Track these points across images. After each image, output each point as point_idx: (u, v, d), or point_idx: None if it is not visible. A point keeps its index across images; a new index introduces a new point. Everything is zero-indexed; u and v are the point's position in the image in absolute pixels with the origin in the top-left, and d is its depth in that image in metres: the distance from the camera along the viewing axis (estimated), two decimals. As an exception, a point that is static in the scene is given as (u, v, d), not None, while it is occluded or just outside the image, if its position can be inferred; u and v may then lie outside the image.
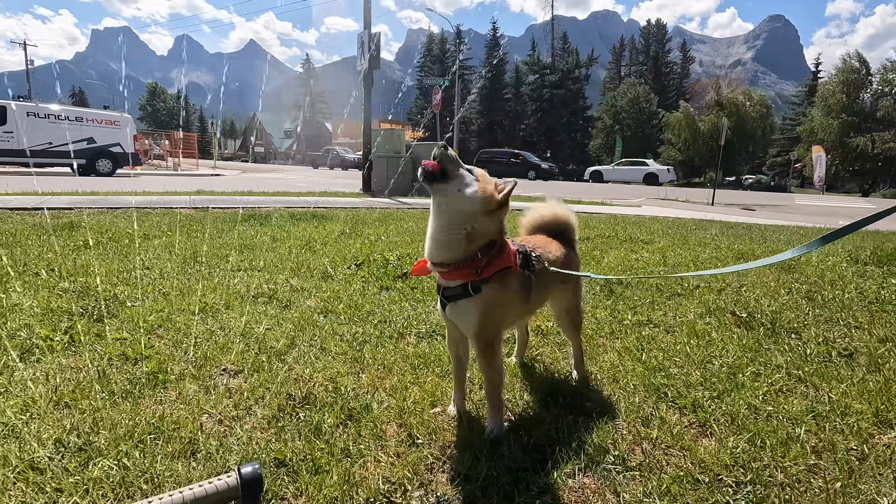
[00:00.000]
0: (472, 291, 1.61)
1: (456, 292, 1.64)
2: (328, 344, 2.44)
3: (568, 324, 2.18)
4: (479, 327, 1.65)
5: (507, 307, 1.72)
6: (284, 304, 3.02)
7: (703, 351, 2.46)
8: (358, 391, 2.01)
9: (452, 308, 1.66)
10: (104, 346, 2.30)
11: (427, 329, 2.70)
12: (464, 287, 1.62)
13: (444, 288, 1.67)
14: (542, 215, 2.14)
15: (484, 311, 1.63)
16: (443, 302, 1.70)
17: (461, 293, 1.63)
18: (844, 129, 38.28)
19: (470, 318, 1.64)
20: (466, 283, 1.62)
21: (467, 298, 1.63)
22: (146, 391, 1.94)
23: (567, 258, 2.04)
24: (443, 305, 1.71)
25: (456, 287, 1.63)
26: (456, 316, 1.67)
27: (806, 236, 6.60)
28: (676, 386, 2.09)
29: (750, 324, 2.86)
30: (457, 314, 1.66)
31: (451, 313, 1.68)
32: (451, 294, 1.65)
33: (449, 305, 1.67)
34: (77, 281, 3.28)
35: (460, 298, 1.63)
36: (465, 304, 1.63)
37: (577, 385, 2.13)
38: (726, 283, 3.71)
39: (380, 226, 6.28)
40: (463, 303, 1.63)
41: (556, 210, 2.14)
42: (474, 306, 1.63)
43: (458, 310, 1.65)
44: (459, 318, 1.66)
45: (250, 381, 2.05)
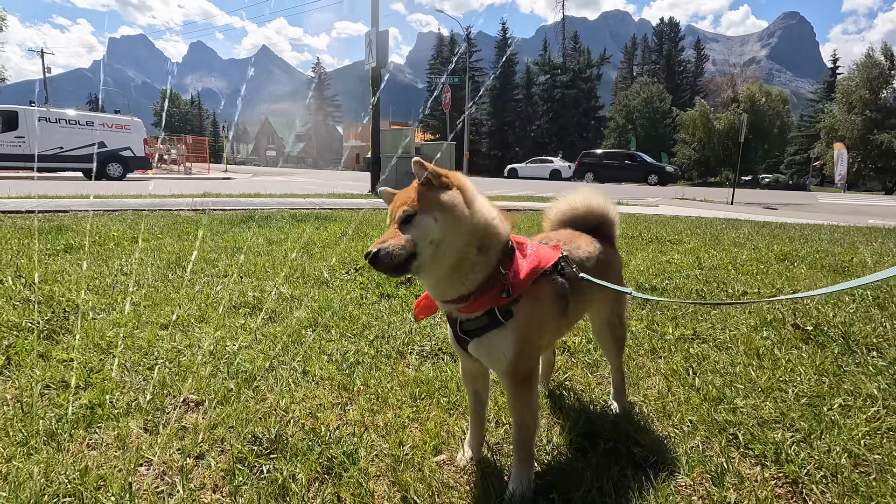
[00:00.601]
0: (503, 318, 1.22)
1: (480, 323, 1.25)
2: (312, 366, 2.03)
3: (609, 340, 1.74)
4: (515, 360, 1.25)
5: (544, 326, 1.32)
6: (269, 316, 2.62)
7: (769, 374, 2.00)
8: (342, 431, 1.59)
9: (478, 345, 1.28)
10: (44, 369, 1.92)
11: (431, 346, 2.28)
12: (490, 315, 1.23)
13: (461, 321, 1.28)
14: (573, 207, 1.70)
15: (521, 338, 1.24)
16: (461, 337, 1.30)
17: (488, 323, 1.24)
18: (867, 125, 37.11)
19: (503, 351, 1.24)
20: (493, 311, 1.22)
21: (498, 328, 1.23)
22: (77, 431, 1.55)
23: (605, 257, 1.61)
24: (461, 341, 1.31)
25: (479, 317, 1.25)
26: (484, 352, 1.28)
27: (847, 234, 6.05)
28: (747, 424, 1.64)
29: (818, 339, 2.39)
30: (486, 350, 1.27)
31: (478, 350, 1.29)
32: (473, 327, 1.26)
33: (472, 342, 1.28)
34: (42, 289, 2.93)
35: (488, 330, 1.25)
36: (496, 336, 1.25)
37: (619, 420, 1.69)
38: (778, 289, 3.24)
39: (385, 227, 5.88)
40: (494, 335, 1.25)
41: (589, 200, 1.71)
42: (509, 336, 1.24)
43: (487, 345, 1.26)
44: (489, 354, 1.27)
45: (211, 416, 1.65)
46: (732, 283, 3.34)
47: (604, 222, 1.72)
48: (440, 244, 1.14)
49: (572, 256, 1.45)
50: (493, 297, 1.21)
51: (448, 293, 1.22)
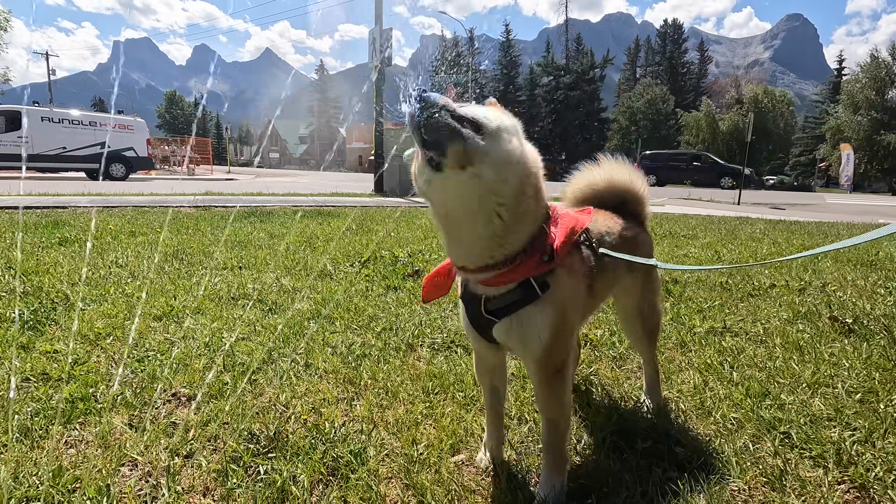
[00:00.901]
0: (541, 290, 1.04)
1: (512, 299, 1.05)
2: (315, 359, 1.88)
3: (640, 330, 1.56)
4: (551, 343, 1.06)
5: (578, 303, 1.14)
6: (269, 308, 2.47)
7: (813, 369, 1.83)
8: (349, 428, 1.43)
9: (510, 325, 1.07)
10: (26, 361, 1.77)
11: (444, 339, 2.12)
12: (525, 288, 1.04)
13: (486, 298, 1.08)
14: (592, 182, 1.52)
15: (558, 316, 1.06)
16: (483, 319, 1.10)
17: (521, 298, 1.04)
18: (873, 126, 36.85)
19: (539, 332, 1.06)
20: (528, 282, 1.03)
21: (533, 304, 1.04)
22: (55, 427, 1.39)
23: (630, 234, 1.42)
24: (480, 325, 1.11)
25: (511, 292, 1.05)
26: (516, 334, 1.07)
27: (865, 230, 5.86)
28: (798, 422, 1.48)
29: (859, 332, 2.22)
30: (517, 329, 1.07)
31: (508, 331, 1.08)
32: (503, 304, 1.06)
33: (501, 323, 1.08)
34: (31, 280, 2.78)
35: (522, 306, 1.05)
36: (531, 313, 1.05)
37: (655, 418, 1.52)
38: (807, 282, 3.06)
39: (390, 222, 5.73)
40: (528, 312, 1.05)
41: (612, 174, 1.53)
42: (546, 311, 1.05)
43: (520, 325, 1.06)
44: (522, 335, 1.07)
45: (203, 412, 1.49)
46: (757, 276, 3.17)
47: (629, 199, 1.53)
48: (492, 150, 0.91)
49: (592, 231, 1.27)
50: (532, 263, 1.02)
51: (482, 255, 1.00)
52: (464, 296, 1.14)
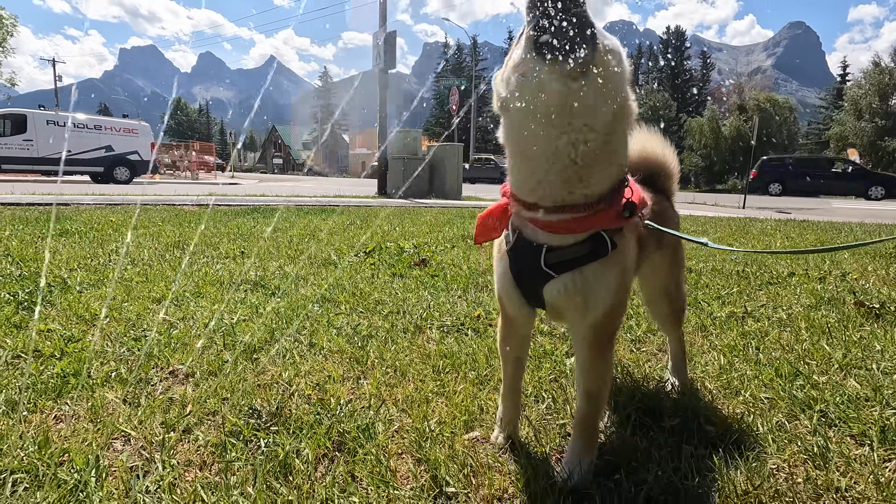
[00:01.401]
0: (612, 245, 0.95)
1: (580, 252, 0.94)
2: (319, 338, 1.79)
3: (667, 310, 1.48)
4: (612, 308, 0.98)
5: (634, 270, 1.07)
6: (271, 292, 2.39)
7: (843, 351, 1.74)
8: (356, 405, 1.35)
9: (572, 282, 0.96)
10: (17, 339, 1.69)
11: (453, 321, 2.03)
12: (596, 242, 0.94)
13: (548, 249, 0.96)
14: None
15: (623, 278, 0.98)
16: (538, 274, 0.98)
17: (589, 252, 0.94)
18: (876, 132, 36.80)
19: (605, 291, 0.96)
20: (600, 235, 0.94)
21: (599, 262, 0.95)
22: (45, 402, 1.31)
23: (659, 209, 1.34)
24: (530, 281, 1.00)
25: (579, 244, 0.94)
26: (579, 293, 0.96)
27: (878, 229, 5.75)
28: (834, 401, 1.38)
29: (887, 317, 2.12)
30: (581, 290, 0.96)
31: (568, 289, 0.96)
32: (566, 258, 0.95)
33: (559, 279, 0.96)
34: (28, 265, 2.72)
35: (587, 260, 0.95)
36: (597, 270, 0.95)
37: (681, 396, 1.43)
38: (826, 271, 2.97)
39: (394, 219, 5.66)
40: (594, 269, 0.95)
41: (644, 146, 1.45)
42: (613, 272, 0.96)
43: (585, 283, 0.95)
44: (585, 294, 0.96)
45: (202, 389, 1.41)
46: (774, 266, 3.08)
47: (659, 173, 1.45)
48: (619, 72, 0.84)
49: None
50: (612, 214, 0.92)
51: (563, 185, 0.89)
52: (515, 246, 1.00)
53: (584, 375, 1.07)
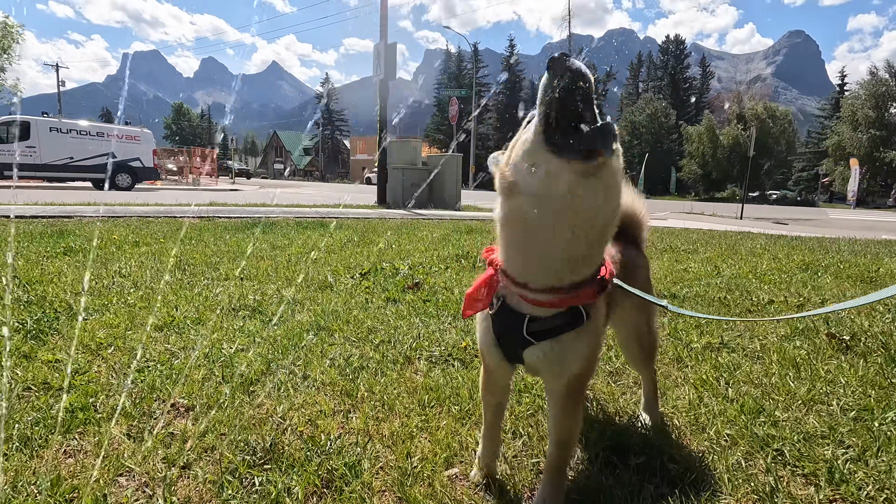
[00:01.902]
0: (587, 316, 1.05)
1: (558, 322, 1.04)
2: (313, 370, 1.89)
3: (637, 352, 1.58)
4: (585, 369, 1.09)
5: (603, 328, 1.18)
6: (268, 319, 2.49)
7: (809, 386, 1.84)
8: (344, 441, 1.45)
9: (551, 347, 1.06)
10: (28, 370, 1.79)
11: (441, 352, 2.13)
12: (574, 314, 1.04)
13: (530, 319, 1.06)
14: None
15: (595, 343, 1.09)
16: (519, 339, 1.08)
17: (567, 323, 1.04)
18: (873, 143, 37.05)
19: (578, 357, 1.06)
20: (578, 309, 1.04)
21: (576, 330, 1.05)
22: (55, 436, 1.41)
23: (625, 259, 1.42)
24: (511, 344, 1.10)
25: (559, 315, 1.04)
26: (555, 357, 1.07)
27: (868, 246, 5.86)
28: (791, 439, 1.48)
29: (856, 349, 2.22)
30: (558, 354, 1.06)
31: (547, 354, 1.07)
32: (548, 327, 1.05)
33: (541, 345, 1.07)
34: (34, 289, 2.82)
35: (564, 330, 1.04)
36: (573, 338, 1.05)
37: (650, 434, 1.53)
38: (805, 298, 3.07)
39: (391, 234, 5.77)
40: (570, 338, 1.05)
41: None
42: (586, 340, 1.06)
43: (563, 348, 1.06)
44: (561, 359, 1.07)
45: (201, 423, 1.51)
46: (755, 292, 3.18)
47: (630, 224, 1.51)
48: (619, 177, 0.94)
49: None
50: (592, 291, 1.03)
51: (564, 274, 0.97)
52: (499, 312, 1.09)
53: (556, 425, 1.17)
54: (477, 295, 1.10)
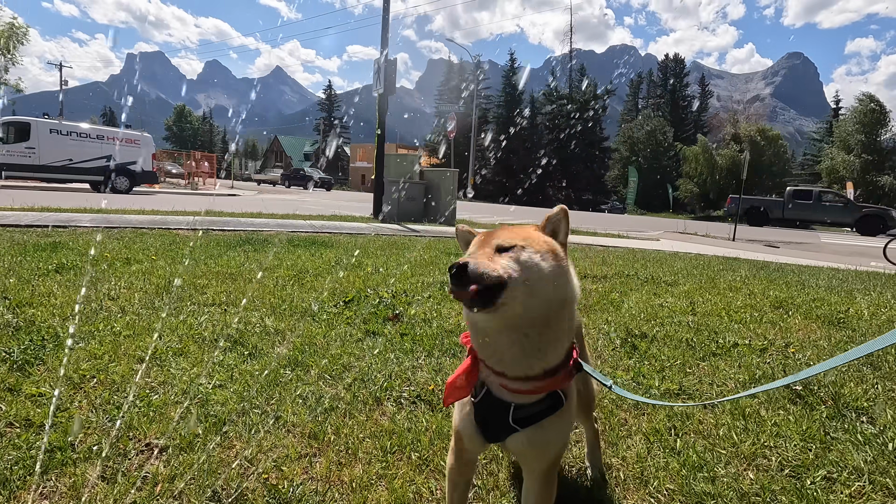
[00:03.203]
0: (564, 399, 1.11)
1: (539, 409, 1.09)
2: (285, 410, 1.99)
3: (579, 407, 1.67)
4: (562, 448, 1.16)
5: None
6: (249, 352, 2.58)
7: (753, 439, 1.94)
8: (305, 488, 1.54)
9: (535, 433, 1.10)
10: (11, 405, 1.88)
11: (410, 393, 2.23)
12: (553, 398, 1.09)
13: (515, 407, 1.09)
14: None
15: (572, 420, 1.16)
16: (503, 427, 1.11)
17: (548, 407, 1.09)
18: (865, 167, 37.60)
19: (559, 438, 1.12)
20: (556, 393, 1.09)
21: (557, 413, 1.10)
22: (32, 478, 1.50)
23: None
24: (493, 431, 1.14)
25: (539, 402, 1.09)
26: (538, 442, 1.11)
27: (846, 280, 5.99)
28: (726, 496, 1.58)
29: (807, 399, 2.33)
30: (541, 439, 1.10)
31: (530, 440, 1.10)
32: (531, 413, 1.09)
33: (523, 432, 1.10)
34: (25, 313, 2.91)
35: (545, 415, 1.09)
36: (555, 422, 1.10)
37: (593, 487, 1.63)
38: (770, 341, 3.18)
39: (380, 255, 5.87)
40: (552, 421, 1.10)
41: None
42: (565, 420, 1.12)
43: (546, 433, 1.10)
44: (544, 443, 1.11)
45: (173, 465, 1.60)
46: (724, 333, 3.29)
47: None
48: (536, 287, 0.96)
49: None
50: (565, 375, 1.08)
51: (532, 365, 1.03)
52: (484, 400, 1.12)
53: (533, 499, 1.19)
54: (457, 383, 1.12)
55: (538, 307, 0.98)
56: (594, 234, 11.82)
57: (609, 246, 9.08)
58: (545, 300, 0.99)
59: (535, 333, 1.01)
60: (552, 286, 0.99)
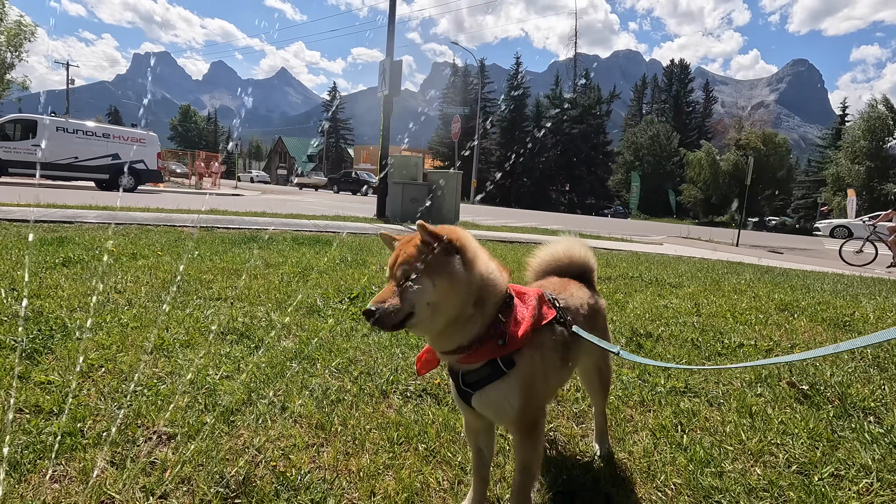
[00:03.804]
0: (505, 367, 1.22)
1: (482, 374, 1.24)
2: (292, 401, 1.99)
3: (597, 385, 1.77)
4: (521, 410, 1.24)
5: (549, 374, 1.32)
6: (255, 345, 2.59)
7: (760, 436, 1.94)
8: (313, 476, 1.54)
9: (481, 397, 1.26)
10: (21, 392, 1.89)
11: (416, 386, 2.23)
12: (492, 365, 1.23)
13: (463, 374, 1.27)
14: (555, 255, 1.72)
15: (525, 386, 1.24)
16: (464, 391, 1.29)
17: (490, 374, 1.23)
18: (871, 174, 37.52)
19: (508, 401, 1.24)
20: (495, 360, 1.22)
21: (500, 379, 1.23)
22: (43, 462, 1.51)
23: (594, 302, 1.63)
24: (463, 394, 1.30)
25: (481, 368, 1.24)
26: (488, 405, 1.26)
27: (851, 285, 5.97)
28: (734, 491, 1.58)
29: (814, 399, 2.32)
30: (489, 402, 1.26)
31: (481, 403, 1.27)
32: (475, 379, 1.25)
33: (475, 395, 1.26)
34: (34, 304, 2.92)
35: (490, 381, 1.24)
36: (498, 386, 1.24)
37: (601, 479, 1.63)
38: (776, 342, 3.17)
39: (384, 254, 5.88)
40: (495, 386, 1.24)
41: (571, 249, 1.71)
42: (512, 385, 1.23)
43: (490, 397, 1.25)
44: (494, 406, 1.26)
45: (181, 452, 1.61)
46: (729, 334, 3.28)
47: (585, 270, 1.73)
48: (437, 306, 1.14)
49: (568, 305, 1.46)
50: (492, 347, 1.21)
51: (447, 345, 1.22)
52: (450, 370, 1.33)
53: (516, 450, 1.33)
54: (425, 357, 1.33)
55: (444, 317, 1.16)
56: (598, 237, 11.81)
57: (613, 249, 9.08)
58: (450, 311, 1.16)
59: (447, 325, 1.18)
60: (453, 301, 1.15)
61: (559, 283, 1.60)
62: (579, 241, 1.73)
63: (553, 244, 1.72)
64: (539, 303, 1.30)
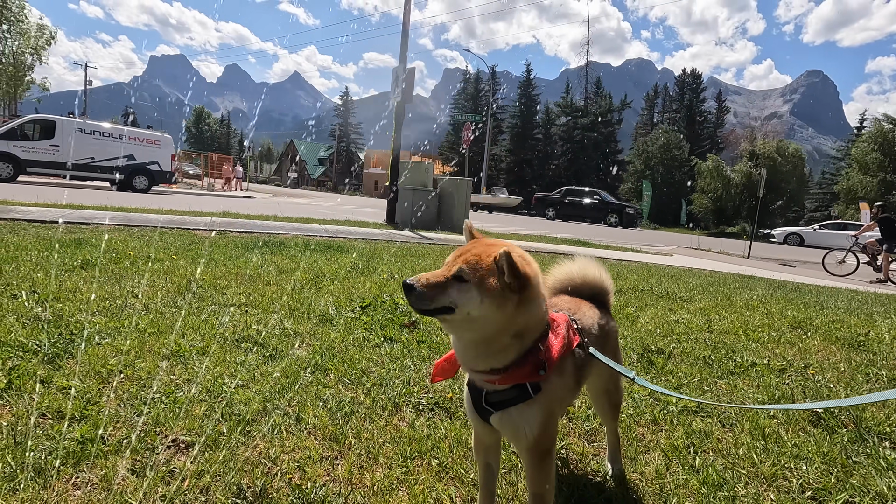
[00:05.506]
0: (532, 392, 1.23)
1: (508, 396, 1.24)
2: (307, 412, 2.02)
3: (607, 406, 1.77)
4: (540, 435, 1.25)
5: (565, 399, 1.35)
6: (269, 353, 2.63)
7: (773, 460, 1.93)
8: (328, 489, 1.57)
9: (504, 417, 1.25)
10: (43, 396, 1.94)
11: (428, 400, 2.25)
12: (520, 388, 1.23)
13: (487, 392, 1.27)
14: (570, 275, 1.73)
15: (546, 413, 1.25)
16: (483, 408, 1.28)
17: (516, 396, 1.23)
18: (883, 187, 37.09)
19: (530, 426, 1.24)
20: (523, 385, 1.23)
21: (525, 403, 1.23)
22: (65, 468, 1.54)
23: (605, 324, 1.64)
24: (481, 411, 1.29)
25: (509, 389, 1.24)
26: (509, 426, 1.26)
27: (865, 303, 5.90)
28: (747, 516, 1.58)
29: (828, 422, 2.30)
30: (510, 423, 1.25)
31: (502, 423, 1.27)
32: (500, 399, 1.25)
33: (498, 414, 1.26)
34: (54, 307, 2.98)
35: (514, 403, 1.24)
36: (523, 410, 1.24)
37: (614, 490, 1.63)
38: (789, 361, 3.15)
39: (395, 262, 5.92)
40: (519, 409, 1.24)
41: (586, 270, 1.72)
42: (535, 410, 1.24)
43: (513, 418, 1.24)
44: (514, 427, 1.25)
45: (199, 461, 1.64)
46: (742, 352, 3.27)
47: (599, 291, 1.74)
48: (475, 320, 1.13)
49: (581, 326, 1.46)
50: (526, 372, 1.21)
51: (479, 365, 1.21)
52: (469, 384, 1.32)
53: (529, 482, 1.34)
54: (444, 365, 1.34)
55: (478, 333, 1.16)
56: (607, 247, 11.76)
57: (623, 260, 9.04)
58: (485, 330, 1.15)
59: (478, 345, 1.19)
60: (490, 327, 1.15)
61: (571, 302, 1.61)
62: (595, 263, 1.74)
63: (568, 264, 1.74)
64: (568, 330, 1.32)
